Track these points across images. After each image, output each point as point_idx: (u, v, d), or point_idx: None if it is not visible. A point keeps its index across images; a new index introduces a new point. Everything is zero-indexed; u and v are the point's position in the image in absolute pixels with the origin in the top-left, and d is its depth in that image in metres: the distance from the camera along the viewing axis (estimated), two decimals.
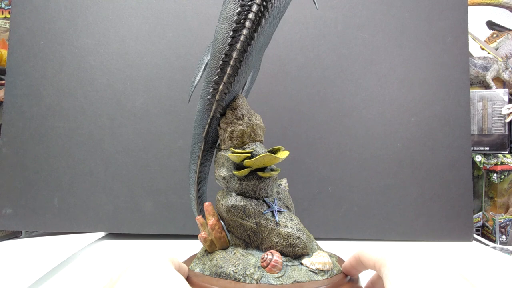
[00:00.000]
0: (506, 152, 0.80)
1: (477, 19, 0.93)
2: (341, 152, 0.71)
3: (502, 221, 0.75)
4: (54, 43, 0.71)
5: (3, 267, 0.52)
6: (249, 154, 0.38)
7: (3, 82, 0.78)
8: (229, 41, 0.36)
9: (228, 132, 0.40)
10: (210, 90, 0.39)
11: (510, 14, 0.92)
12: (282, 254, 0.37)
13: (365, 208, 0.69)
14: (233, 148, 0.40)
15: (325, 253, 0.38)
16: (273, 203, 0.39)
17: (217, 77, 0.38)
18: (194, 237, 0.49)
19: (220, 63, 0.37)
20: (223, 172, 0.40)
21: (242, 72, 0.38)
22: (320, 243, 0.41)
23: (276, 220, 0.38)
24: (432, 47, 0.72)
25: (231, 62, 0.37)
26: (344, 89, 0.72)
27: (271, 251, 0.36)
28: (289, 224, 0.38)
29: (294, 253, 0.37)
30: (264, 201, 0.39)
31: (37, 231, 0.76)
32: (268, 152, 0.39)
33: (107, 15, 0.72)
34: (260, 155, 0.36)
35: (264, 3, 0.35)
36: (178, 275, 0.28)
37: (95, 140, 0.71)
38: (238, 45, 0.36)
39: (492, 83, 0.88)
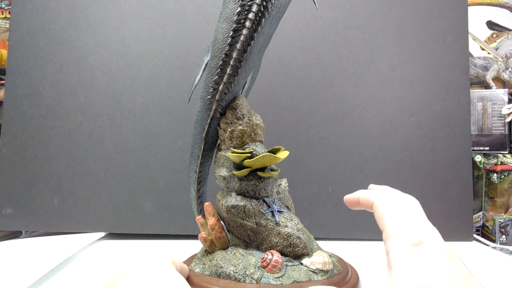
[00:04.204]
0: (506, 152, 0.80)
1: (477, 19, 0.93)
2: (341, 152, 0.71)
3: (502, 221, 0.75)
4: (54, 43, 0.71)
5: (3, 267, 0.52)
6: (249, 154, 0.38)
7: (3, 82, 0.78)
8: (229, 41, 0.36)
9: (228, 132, 0.40)
10: (210, 90, 0.39)
11: (510, 14, 0.92)
12: (282, 254, 0.37)
13: None
14: (233, 148, 0.40)
15: (325, 253, 0.38)
16: (273, 203, 0.39)
17: (217, 77, 0.38)
18: (194, 237, 0.49)
19: (220, 63, 0.37)
20: (223, 172, 0.40)
21: (242, 72, 0.38)
22: (320, 243, 0.41)
23: (276, 220, 0.38)
24: (432, 47, 0.72)
25: (231, 62, 0.37)
26: (344, 89, 0.72)
27: (271, 251, 0.36)
28: (289, 224, 0.38)
29: (294, 253, 0.37)
30: (264, 201, 0.39)
31: (37, 231, 0.76)
32: (268, 152, 0.39)
33: (107, 15, 0.72)
34: (260, 155, 0.36)
35: (264, 3, 0.35)
36: (179, 276, 0.28)
37: (95, 140, 0.71)
38: (238, 45, 0.36)
39: (492, 83, 0.88)
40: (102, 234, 0.72)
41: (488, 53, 0.91)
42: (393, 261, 0.25)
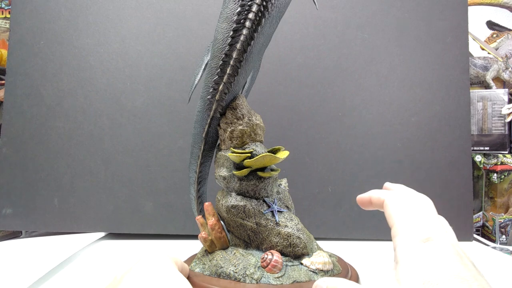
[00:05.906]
0: (506, 152, 0.80)
1: (477, 19, 0.93)
2: (341, 152, 0.71)
3: (502, 221, 0.75)
4: (54, 43, 0.71)
5: (3, 267, 0.52)
6: (249, 154, 0.38)
7: (3, 82, 0.77)
8: (229, 41, 0.36)
9: (228, 132, 0.40)
10: (210, 90, 0.39)
11: (510, 14, 0.92)
12: (282, 254, 0.37)
13: None
14: (233, 148, 0.40)
15: (325, 253, 0.38)
16: (273, 203, 0.39)
17: (217, 77, 0.38)
18: (194, 237, 0.49)
19: (220, 63, 0.37)
20: (223, 172, 0.40)
21: (242, 72, 0.38)
22: (320, 243, 0.42)
23: (276, 220, 0.38)
24: (432, 47, 0.72)
25: (231, 62, 0.37)
26: (344, 89, 0.72)
27: (271, 251, 0.36)
28: (289, 224, 0.38)
29: (294, 253, 0.37)
30: (264, 201, 0.39)
31: (37, 231, 0.76)
32: (268, 152, 0.39)
33: (107, 15, 0.72)
34: (260, 155, 0.36)
35: (264, 3, 0.35)
36: (181, 276, 0.28)
37: (95, 140, 0.70)
38: (238, 45, 0.36)
39: (492, 83, 0.88)
40: (102, 234, 0.72)
41: (488, 53, 0.91)
42: (399, 256, 0.25)
